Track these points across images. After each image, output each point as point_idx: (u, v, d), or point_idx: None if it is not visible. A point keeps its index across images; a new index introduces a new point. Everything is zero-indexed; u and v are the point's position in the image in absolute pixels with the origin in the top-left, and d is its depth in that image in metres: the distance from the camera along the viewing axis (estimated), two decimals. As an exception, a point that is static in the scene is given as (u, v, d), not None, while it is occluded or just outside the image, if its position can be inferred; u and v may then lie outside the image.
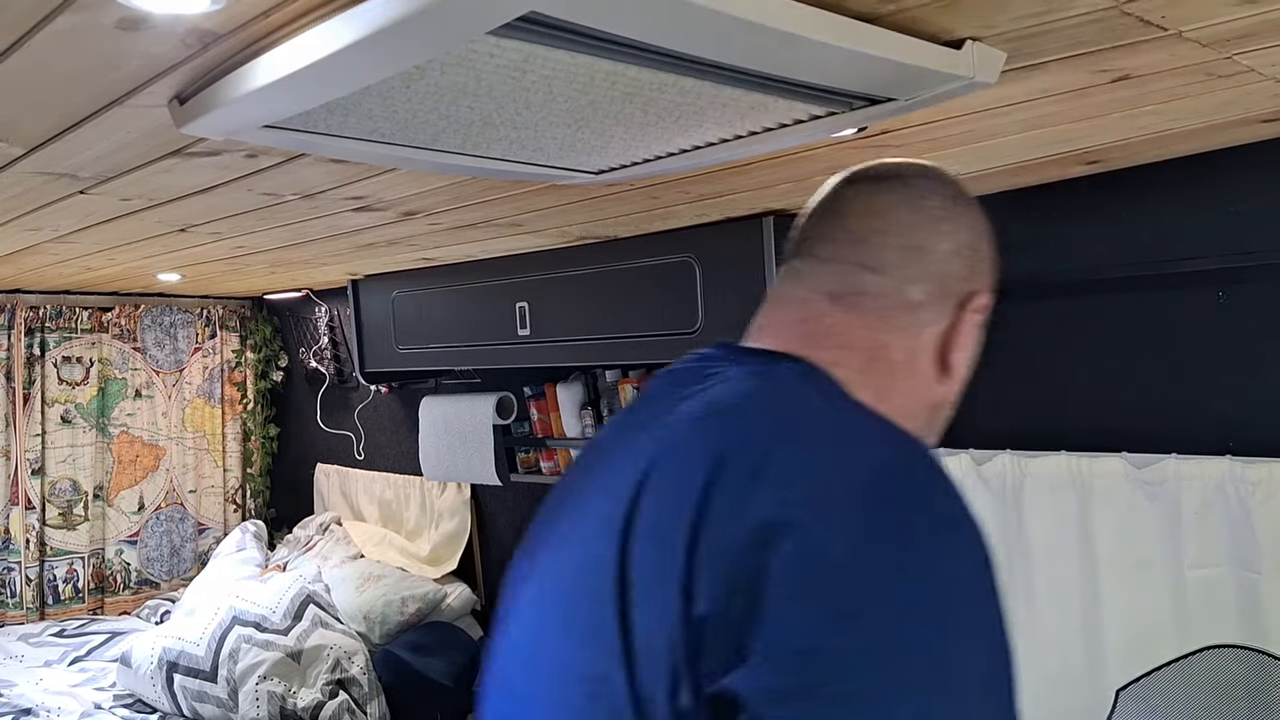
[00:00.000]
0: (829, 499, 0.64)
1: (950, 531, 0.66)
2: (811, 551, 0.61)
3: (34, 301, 3.49)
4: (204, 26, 0.86)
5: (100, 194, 1.57)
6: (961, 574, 0.65)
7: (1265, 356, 1.75)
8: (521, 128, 1.14)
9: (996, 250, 0.97)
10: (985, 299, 0.91)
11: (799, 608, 0.59)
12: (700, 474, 0.67)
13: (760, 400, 0.76)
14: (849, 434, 0.72)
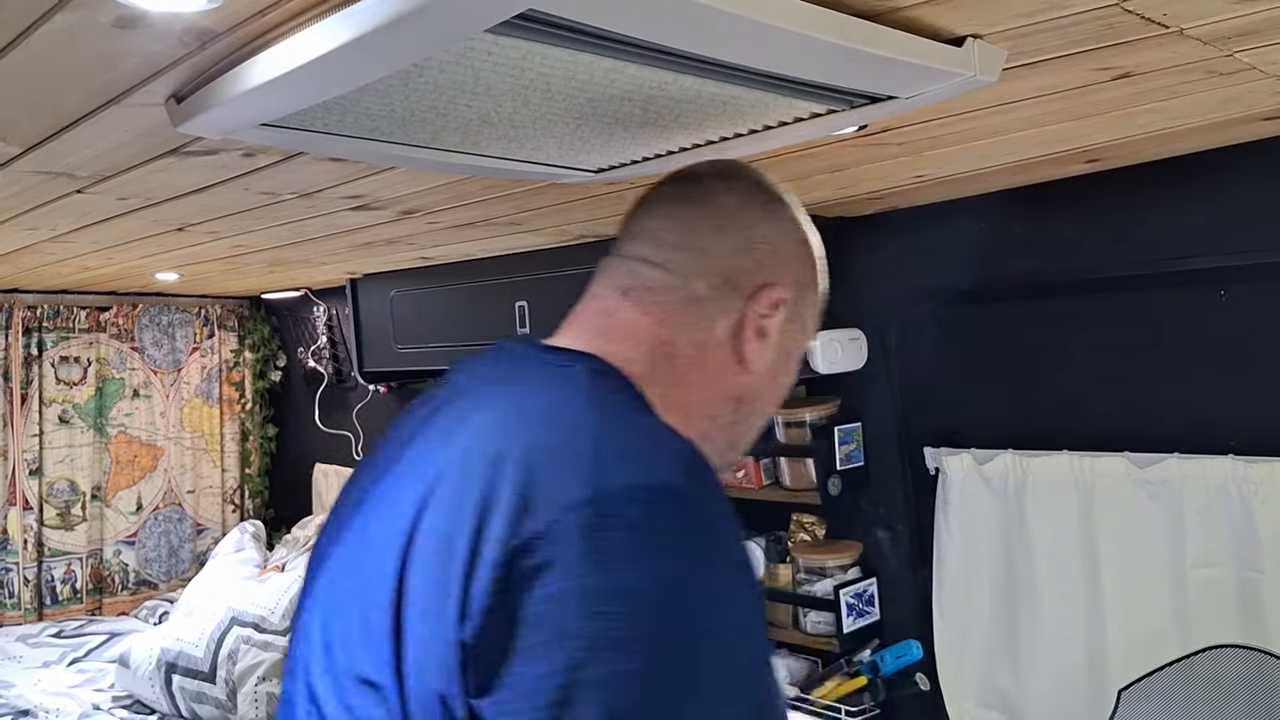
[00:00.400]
0: (584, 530, 0.64)
1: (685, 541, 0.67)
2: (560, 595, 0.63)
3: (31, 301, 3.49)
4: (201, 25, 0.86)
5: (97, 193, 1.56)
6: (702, 585, 0.66)
7: (1266, 355, 1.75)
8: (520, 126, 1.13)
9: (808, 247, 0.97)
10: (780, 292, 0.91)
11: (544, 648, 0.62)
12: (477, 497, 0.68)
13: (545, 414, 0.77)
14: (617, 457, 0.70)
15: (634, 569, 0.64)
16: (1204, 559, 1.80)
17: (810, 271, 0.96)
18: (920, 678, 2.19)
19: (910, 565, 2.29)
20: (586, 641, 0.61)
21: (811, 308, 0.97)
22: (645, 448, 0.73)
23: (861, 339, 2.22)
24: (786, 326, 0.92)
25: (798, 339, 0.95)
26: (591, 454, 0.70)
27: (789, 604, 2.40)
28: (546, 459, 0.69)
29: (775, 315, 0.91)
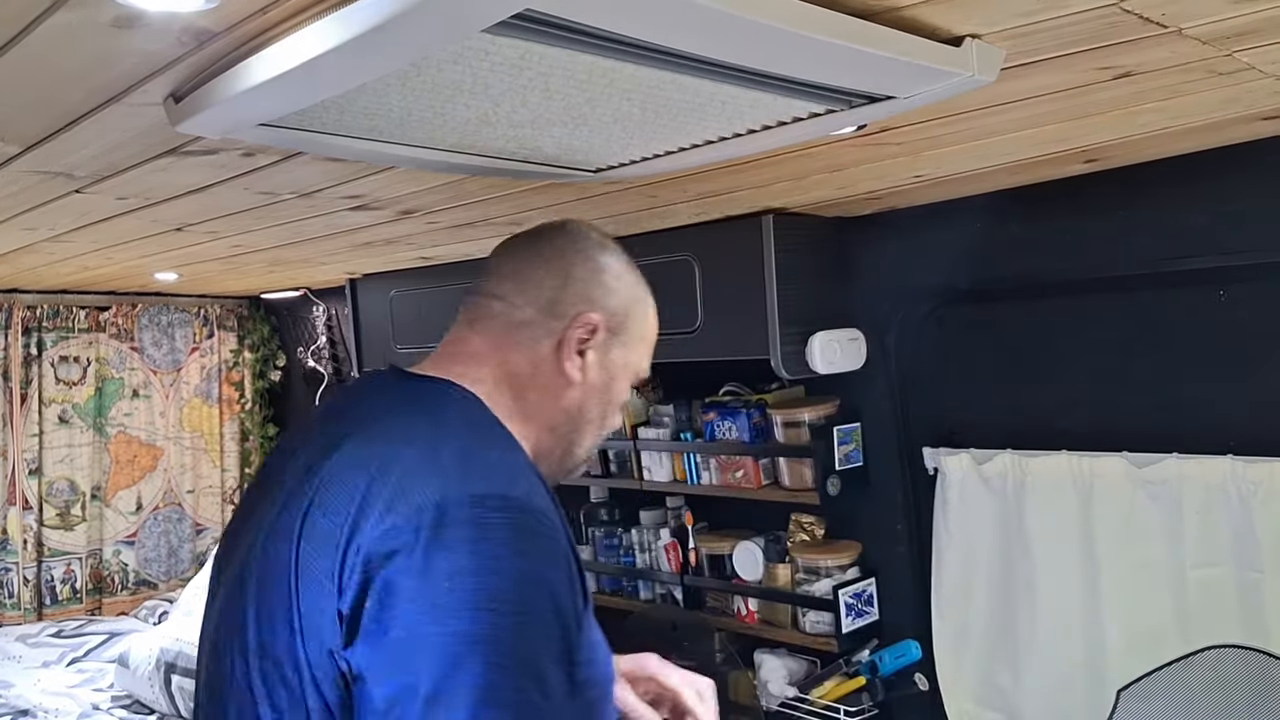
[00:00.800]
0: (431, 525, 0.85)
1: (505, 535, 0.87)
2: (409, 569, 0.84)
3: (31, 301, 3.49)
4: (199, 24, 0.86)
5: (96, 193, 1.56)
6: (513, 569, 0.86)
7: (1266, 355, 1.75)
8: (519, 126, 1.13)
9: (627, 286, 1.16)
10: (596, 318, 1.09)
11: (393, 612, 0.83)
12: (356, 499, 0.88)
13: (408, 435, 0.95)
14: (460, 471, 0.90)
15: (464, 555, 0.84)
16: (1203, 559, 1.80)
17: (629, 307, 1.14)
18: (919, 678, 2.19)
19: (909, 565, 2.29)
20: (425, 605, 0.82)
21: (634, 340, 1.14)
22: (484, 462, 0.93)
23: (860, 339, 2.22)
24: (606, 349, 1.11)
25: (620, 363, 1.13)
26: (441, 468, 0.89)
27: (788, 604, 2.40)
28: (408, 471, 0.89)
29: (592, 338, 1.09)
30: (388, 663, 0.82)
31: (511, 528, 0.87)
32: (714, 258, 2.18)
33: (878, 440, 2.30)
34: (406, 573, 0.83)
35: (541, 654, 0.85)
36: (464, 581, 0.83)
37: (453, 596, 0.82)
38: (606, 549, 2.83)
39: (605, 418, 1.13)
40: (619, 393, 1.14)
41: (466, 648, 0.81)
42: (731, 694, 2.48)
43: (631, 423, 2.62)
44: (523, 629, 0.84)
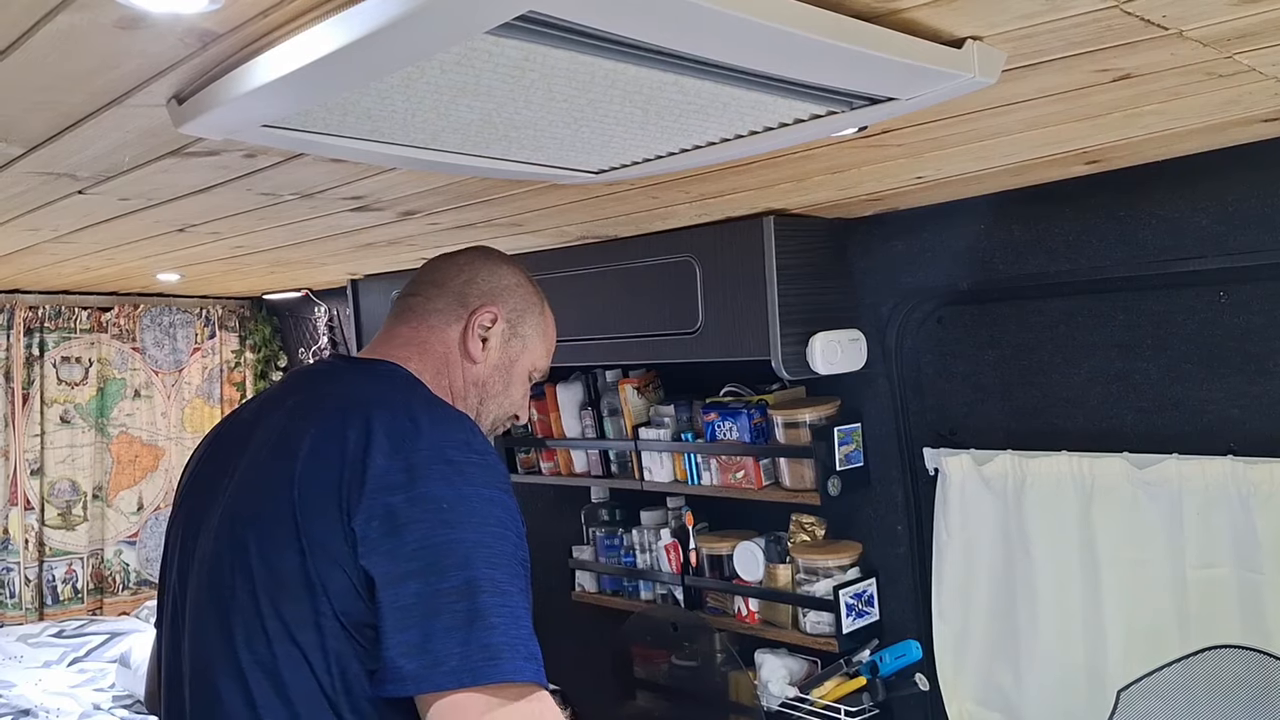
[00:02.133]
0: (419, 465, 1.09)
1: (474, 472, 1.11)
2: (412, 498, 1.07)
3: (33, 301, 3.49)
4: (202, 26, 0.86)
5: (99, 194, 1.57)
6: (485, 495, 1.10)
7: (1266, 356, 1.75)
8: (521, 127, 1.14)
9: (525, 293, 1.43)
10: (496, 310, 1.37)
11: (394, 528, 1.05)
12: (349, 448, 1.10)
13: (376, 398, 1.18)
14: (432, 423, 1.14)
15: (448, 486, 1.08)
16: (1203, 559, 1.80)
17: (525, 310, 1.41)
18: (919, 678, 2.19)
19: (909, 565, 2.29)
20: (434, 522, 1.05)
21: (532, 338, 1.42)
22: (444, 417, 1.18)
23: (861, 339, 2.22)
24: (505, 339, 1.38)
25: (517, 351, 1.40)
26: (415, 422, 1.13)
27: (788, 604, 2.40)
28: (388, 424, 1.12)
29: (494, 326, 1.36)
30: (409, 566, 1.03)
31: (477, 466, 1.12)
32: (715, 258, 2.18)
33: (878, 441, 2.30)
34: (410, 502, 1.06)
35: (513, 557, 1.08)
36: (457, 505, 1.07)
37: (453, 513, 1.06)
38: (607, 549, 2.83)
39: (506, 395, 1.40)
40: (518, 378, 1.41)
41: (472, 549, 1.05)
42: (732, 694, 2.48)
43: (632, 423, 2.63)
44: (503, 538, 1.08)
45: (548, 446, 2.87)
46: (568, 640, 1.24)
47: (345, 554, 1.05)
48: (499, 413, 1.40)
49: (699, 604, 2.60)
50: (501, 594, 1.04)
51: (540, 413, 2.87)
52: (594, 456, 2.77)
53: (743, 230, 2.12)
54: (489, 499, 1.10)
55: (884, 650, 2.25)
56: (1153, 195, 1.81)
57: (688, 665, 2.58)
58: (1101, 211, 1.88)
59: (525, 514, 1.16)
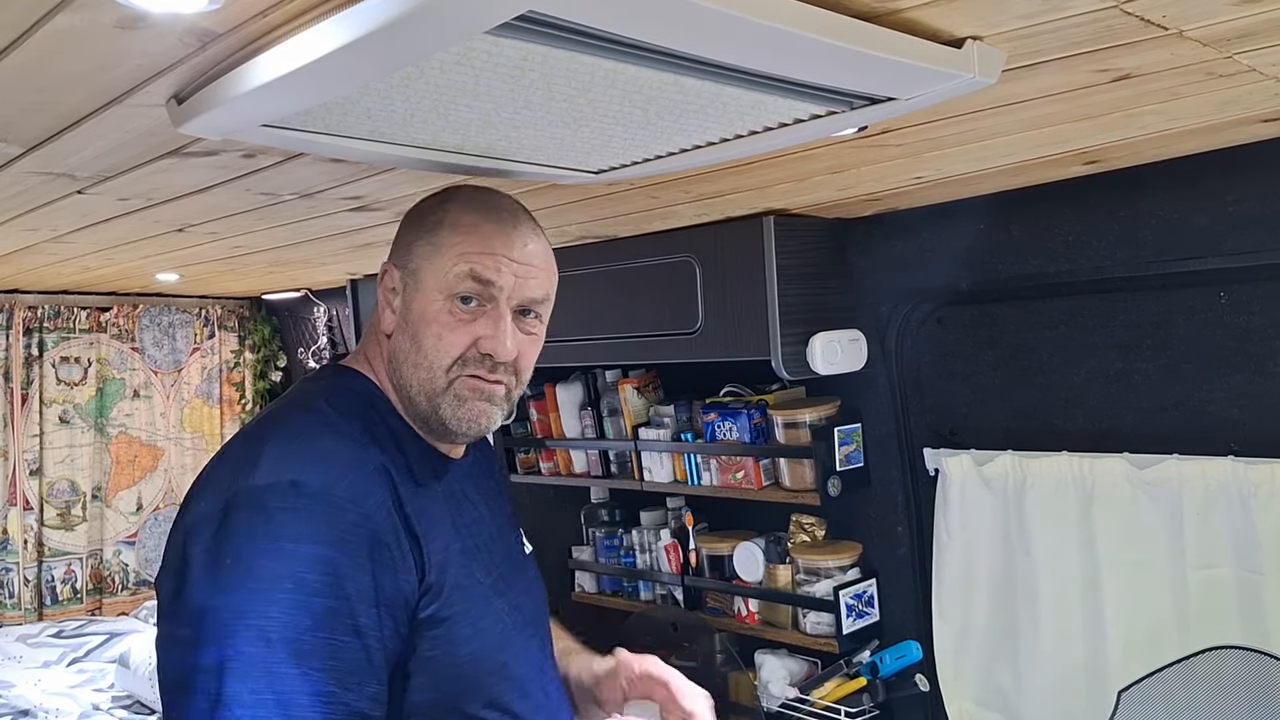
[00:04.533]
0: (227, 511, 0.99)
1: (286, 522, 0.98)
2: (205, 548, 0.98)
3: (32, 301, 3.49)
4: (202, 25, 0.86)
5: (98, 194, 1.56)
6: (288, 551, 0.96)
7: (1267, 356, 1.75)
8: (520, 127, 1.14)
9: (416, 220, 1.18)
10: (386, 265, 1.17)
11: (194, 583, 0.97)
12: (196, 483, 1.07)
13: (254, 424, 1.12)
14: (260, 451, 1.03)
15: (244, 537, 0.97)
16: (1204, 560, 1.80)
17: (415, 235, 1.16)
18: (920, 678, 2.19)
19: (909, 566, 2.29)
20: (210, 580, 0.96)
21: (424, 259, 1.13)
22: (290, 453, 1.03)
23: (861, 340, 2.22)
24: (406, 286, 1.15)
25: (414, 291, 1.14)
26: (249, 456, 1.03)
27: (788, 605, 2.40)
28: (225, 459, 1.06)
29: (393, 284, 1.16)
30: (181, 632, 0.96)
31: (294, 514, 0.97)
32: (715, 258, 2.18)
33: (878, 441, 2.30)
34: (204, 551, 0.97)
35: (309, 627, 0.94)
36: (243, 560, 0.95)
37: (233, 572, 0.94)
38: (607, 549, 2.83)
39: (419, 351, 1.12)
40: (422, 320, 1.12)
41: (237, 620, 0.93)
42: (732, 695, 2.48)
43: (632, 423, 2.62)
44: (299, 607, 0.94)
45: (547, 446, 2.87)
46: None
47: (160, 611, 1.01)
48: (426, 377, 1.12)
49: (699, 604, 2.60)
50: (265, 676, 0.91)
51: (540, 413, 2.87)
52: (594, 457, 2.77)
53: (743, 230, 2.12)
54: (294, 556, 0.95)
55: (884, 651, 2.25)
56: (1153, 195, 1.81)
57: (688, 666, 2.57)
58: (1101, 211, 1.88)
59: (525, 515, 1.14)
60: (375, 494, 1.03)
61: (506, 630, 1.15)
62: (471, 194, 1.18)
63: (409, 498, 1.07)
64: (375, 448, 1.07)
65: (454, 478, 1.19)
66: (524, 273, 1.14)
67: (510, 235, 1.14)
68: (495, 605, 1.14)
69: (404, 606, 1.02)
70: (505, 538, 1.27)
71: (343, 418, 1.09)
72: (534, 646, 1.21)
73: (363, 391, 1.15)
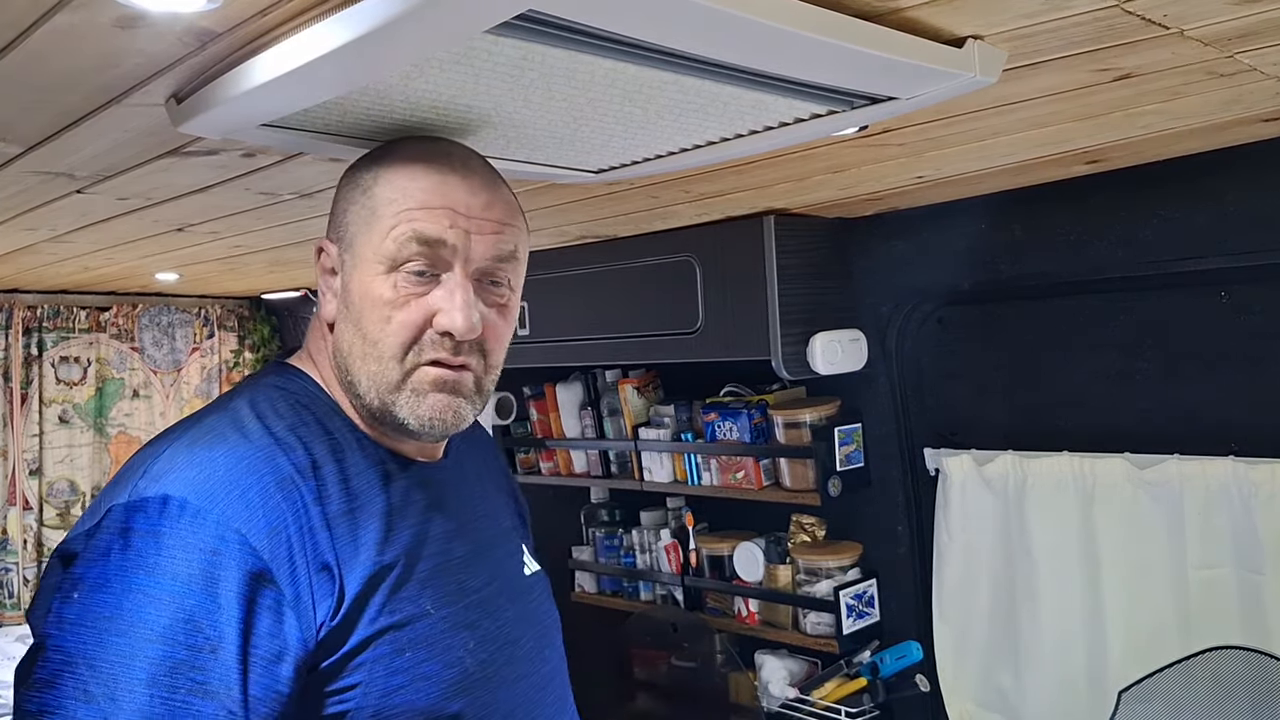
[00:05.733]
0: (88, 535, 0.87)
1: (145, 550, 0.83)
2: (67, 576, 0.87)
3: (31, 301, 3.49)
4: (201, 25, 0.86)
5: (97, 193, 1.56)
6: (139, 586, 0.82)
7: (1268, 356, 1.75)
8: (520, 126, 1.13)
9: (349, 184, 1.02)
10: (320, 242, 1.01)
11: (50, 615, 0.87)
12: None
13: (166, 431, 0.97)
14: (152, 462, 0.88)
15: (97, 566, 0.84)
16: (1205, 560, 1.80)
17: (348, 200, 1.00)
18: (920, 679, 2.19)
19: (910, 566, 2.29)
20: (55, 615, 0.85)
21: (358, 225, 0.97)
22: (182, 460, 0.88)
23: (861, 339, 2.22)
24: (344, 264, 0.99)
25: (351, 267, 0.97)
26: (141, 467, 0.88)
27: (789, 605, 2.40)
28: (121, 472, 0.90)
29: (329, 262, 1.01)
30: (23, 663, 0.84)
31: (152, 538, 0.81)
32: (715, 258, 2.18)
33: (879, 441, 2.30)
34: (60, 577, 0.84)
35: (143, 683, 0.78)
36: (86, 594, 0.81)
37: (74, 609, 0.81)
38: (607, 550, 2.83)
39: (361, 336, 0.96)
40: (364, 299, 0.96)
41: (65, 665, 0.79)
42: (732, 695, 2.48)
43: (632, 423, 2.62)
44: (130, 655, 0.78)
45: (547, 446, 2.87)
46: (567, 641, 1.18)
47: None
48: (377, 369, 0.96)
49: (699, 605, 2.60)
50: None
51: (540, 413, 2.86)
52: (593, 457, 2.77)
53: (743, 230, 2.12)
54: (142, 592, 0.79)
55: (884, 651, 2.25)
56: (1153, 195, 1.81)
57: (688, 666, 2.58)
58: (1102, 211, 1.88)
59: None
60: (269, 514, 0.85)
61: (465, 672, 0.95)
62: (409, 143, 1.01)
63: (333, 515, 0.90)
64: (294, 454, 0.91)
65: (419, 486, 1.01)
66: (480, 227, 0.96)
67: (460, 183, 0.96)
68: (453, 641, 0.95)
69: (291, 658, 0.84)
70: (495, 554, 1.09)
71: (259, 419, 0.92)
72: (518, 689, 1.02)
73: (298, 390, 0.99)
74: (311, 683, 0.86)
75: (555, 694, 1.09)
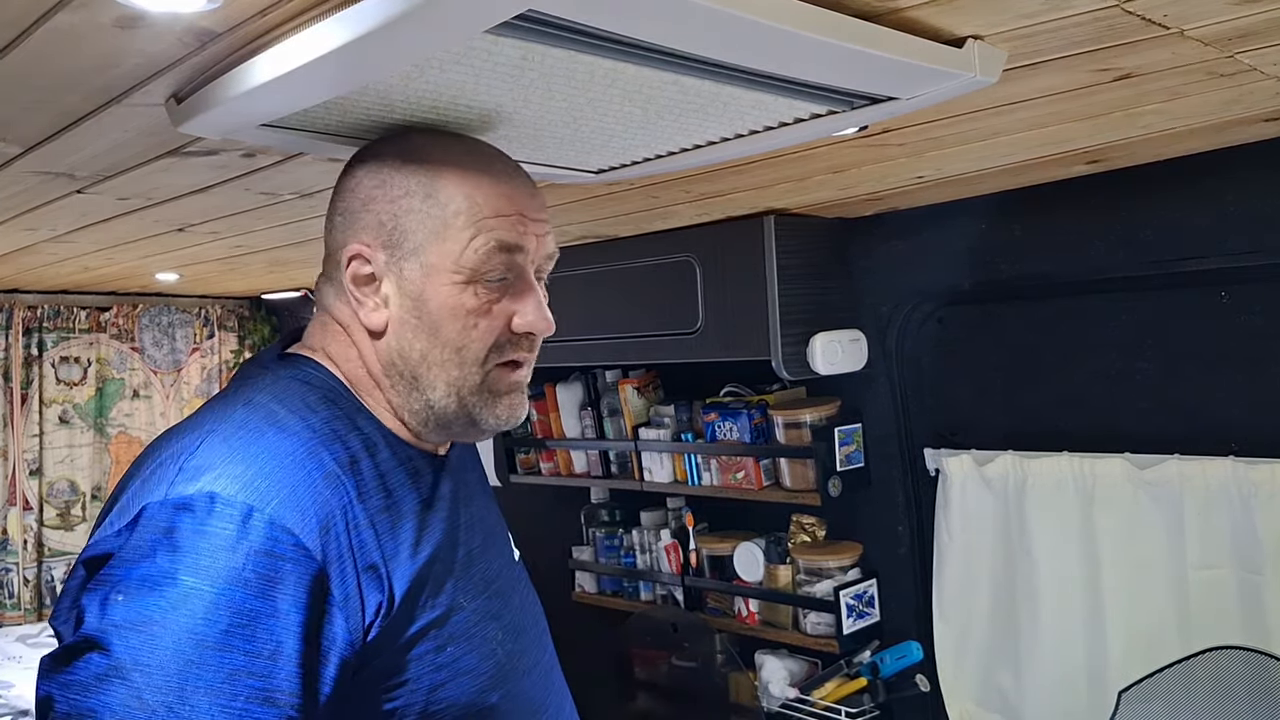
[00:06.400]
0: (128, 533, 0.82)
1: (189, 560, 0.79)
2: (104, 577, 0.81)
3: (32, 301, 3.49)
4: (201, 25, 0.86)
5: (97, 193, 1.56)
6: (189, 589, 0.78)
7: (1268, 356, 1.75)
8: (520, 126, 1.13)
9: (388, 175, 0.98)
10: (356, 249, 0.97)
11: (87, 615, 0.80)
12: (115, 495, 0.89)
13: (193, 421, 0.92)
14: (189, 463, 0.84)
15: (142, 566, 0.80)
16: (1204, 560, 1.80)
17: (395, 208, 0.96)
18: (920, 679, 2.19)
19: (910, 566, 2.29)
20: (99, 617, 0.78)
21: (428, 232, 0.94)
22: (222, 455, 0.84)
23: (861, 340, 2.22)
24: (399, 271, 0.95)
25: (422, 276, 0.94)
26: (176, 463, 0.85)
27: (789, 605, 2.40)
28: (155, 466, 0.86)
29: (371, 269, 0.96)
30: (59, 664, 0.78)
31: (202, 537, 0.78)
32: (715, 258, 2.18)
33: (879, 441, 2.30)
34: (98, 580, 0.79)
35: (203, 690, 0.75)
36: (132, 598, 0.76)
37: (119, 611, 0.76)
38: (607, 550, 2.83)
39: (440, 345, 0.95)
40: (442, 308, 0.95)
41: (114, 671, 0.74)
42: (732, 695, 2.48)
43: (632, 423, 2.62)
44: (187, 661, 0.75)
45: (547, 447, 2.87)
46: (567, 641, 1.18)
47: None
48: (458, 375, 0.96)
49: (699, 605, 2.60)
50: None
51: (540, 413, 2.86)
52: (594, 457, 2.77)
53: (743, 230, 2.12)
54: (194, 595, 0.76)
55: (884, 651, 2.25)
56: (1153, 195, 1.81)
57: (688, 666, 2.58)
58: (1102, 211, 1.88)
59: (525, 515, 1.09)
60: (319, 511, 0.83)
61: (499, 664, 0.96)
62: (449, 142, 0.99)
63: (374, 512, 0.89)
64: (333, 449, 0.89)
65: (442, 478, 1.01)
66: (540, 229, 0.98)
67: (520, 186, 0.97)
68: (486, 633, 0.96)
69: (335, 658, 0.82)
70: (498, 542, 1.09)
71: (292, 413, 0.90)
72: (534, 677, 1.03)
73: (319, 382, 0.96)
74: (363, 682, 0.85)
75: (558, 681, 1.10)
